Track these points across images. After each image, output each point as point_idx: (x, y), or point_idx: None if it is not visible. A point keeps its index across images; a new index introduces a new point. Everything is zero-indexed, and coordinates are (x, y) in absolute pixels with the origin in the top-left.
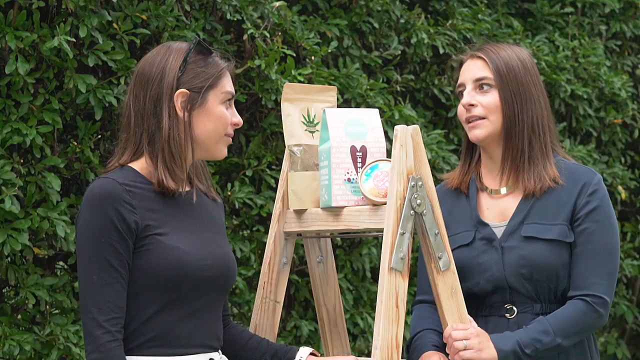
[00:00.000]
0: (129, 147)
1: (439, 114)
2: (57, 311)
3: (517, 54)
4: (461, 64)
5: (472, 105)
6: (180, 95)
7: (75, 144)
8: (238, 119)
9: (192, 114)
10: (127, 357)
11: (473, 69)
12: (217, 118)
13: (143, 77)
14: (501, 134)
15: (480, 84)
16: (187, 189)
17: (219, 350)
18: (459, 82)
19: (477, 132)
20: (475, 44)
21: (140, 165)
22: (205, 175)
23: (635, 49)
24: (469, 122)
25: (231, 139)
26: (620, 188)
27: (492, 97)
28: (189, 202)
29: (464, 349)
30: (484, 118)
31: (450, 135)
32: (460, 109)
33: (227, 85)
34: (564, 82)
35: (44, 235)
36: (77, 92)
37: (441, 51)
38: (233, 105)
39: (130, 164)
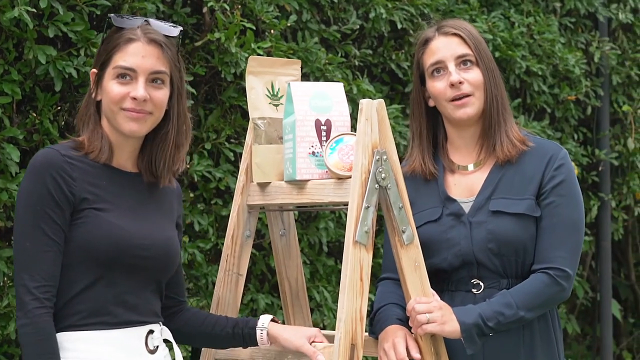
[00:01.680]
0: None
1: (395, 89)
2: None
3: (476, 30)
4: (426, 41)
5: (461, 82)
6: (92, 75)
7: (35, 115)
8: (135, 93)
9: (97, 91)
10: (64, 333)
11: (452, 46)
12: (106, 94)
13: None
14: (482, 110)
15: (462, 61)
16: (136, 171)
17: (160, 323)
18: (435, 59)
19: (468, 110)
20: (432, 19)
21: None
22: (167, 160)
23: (588, 26)
24: (456, 100)
25: (137, 114)
26: (573, 164)
27: (476, 74)
28: (138, 182)
29: (427, 322)
30: (470, 95)
31: (407, 110)
32: (441, 88)
33: (120, 59)
34: (519, 58)
35: (2, 207)
36: (37, 63)
37: (399, 26)
38: (138, 78)
39: (80, 138)
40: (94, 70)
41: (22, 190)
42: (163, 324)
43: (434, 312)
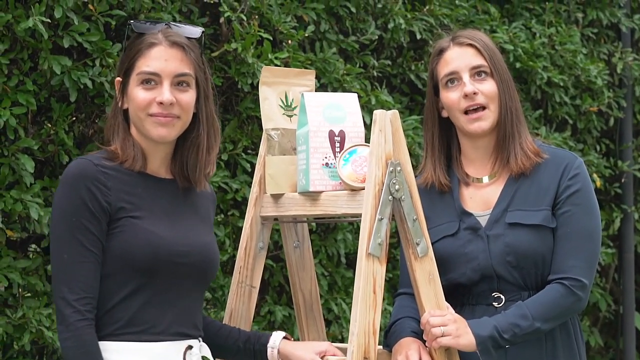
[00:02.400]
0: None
1: (415, 100)
2: (29, 294)
3: (491, 40)
4: (441, 51)
5: (475, 93)
6: (117, 83)
7: (50, 125)
8: (161, 98)
9: (123, 99)
10: (101, 342)
11: (467, 57)
12: (132, 101)
13: None
14: (497, 122)
15: (476, 72)
16: (170, 177)
17: (199, 339)
18: (449, 70)
19: (482, 124)
20: (451, 30)
21: None
22: (199, 163)
23: (611, 37)
24: (470, 113)
25: (165, 118)
26: (595, 176)
27: (490, 85)
28: (173, 188)
29: (442, 335)
30: (485, 108)
31: None
32: (455, 98)
33: (143, 65)
34: (540, 69)
35: (17, 218)
36: (52, 74)
37: (418, 37)
38: (163, 82)
39: (112, 147)
40: (118, 78)
41: (56, 202)
42: (202, 340)
43: (449, 325)
